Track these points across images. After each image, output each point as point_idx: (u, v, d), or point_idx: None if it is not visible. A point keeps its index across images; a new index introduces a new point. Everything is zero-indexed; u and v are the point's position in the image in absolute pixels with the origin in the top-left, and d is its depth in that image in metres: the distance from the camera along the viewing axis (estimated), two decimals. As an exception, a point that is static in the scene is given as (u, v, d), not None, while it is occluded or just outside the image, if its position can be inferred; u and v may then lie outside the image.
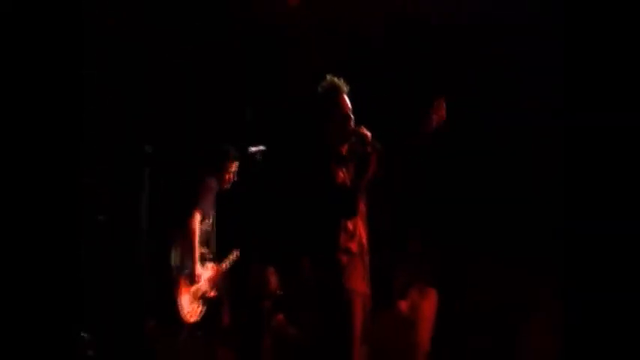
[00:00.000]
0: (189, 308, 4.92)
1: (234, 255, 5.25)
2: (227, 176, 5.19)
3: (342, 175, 3.55)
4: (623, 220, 3.15)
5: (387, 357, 5.22)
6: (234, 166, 5.21)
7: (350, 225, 3.52)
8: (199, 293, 4.99)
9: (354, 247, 3.51)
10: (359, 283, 3.49)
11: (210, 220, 5.17)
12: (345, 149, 3.66)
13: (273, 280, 5.85)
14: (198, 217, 5.01)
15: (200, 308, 5.00)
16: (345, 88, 3.67)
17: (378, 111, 5.70)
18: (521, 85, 5.68)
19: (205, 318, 5.10)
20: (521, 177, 5.84)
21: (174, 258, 4.96)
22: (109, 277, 5.16)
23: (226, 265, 5.21)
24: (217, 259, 5.20)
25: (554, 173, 3.77)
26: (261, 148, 4.88)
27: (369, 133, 3.56)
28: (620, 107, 3.19)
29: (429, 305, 5.49)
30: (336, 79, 3.68)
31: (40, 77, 2.93)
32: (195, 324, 5.00)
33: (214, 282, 5.10)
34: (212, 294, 5.08)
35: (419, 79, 6.01)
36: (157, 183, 4.83)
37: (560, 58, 3.44)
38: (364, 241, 3.60)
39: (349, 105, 3.65)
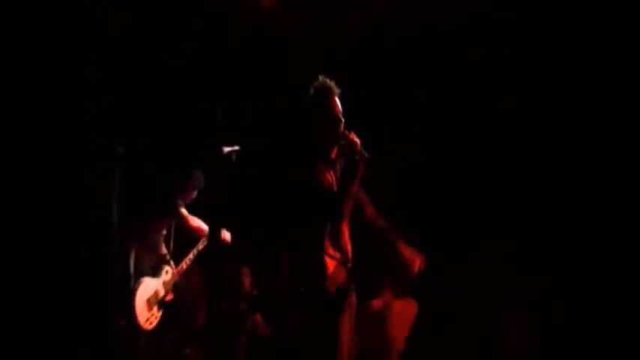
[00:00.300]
0: (147, 315, 4.83)
1: (191, 255, 5.17)
2: (187, 197, 5.22)
3: (329, 177, 3.53)
4: (623, 220, 3.15)
5: (362, 355, 5.22)
6: (194, 194, 5.22)
7: (335, 230, 3.50)
8: (157, 298, 4.93)
9: (338, 252, 3.49)
10: (342, 290, 3.46)
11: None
12: (334, 152, 3.64)
13: (248, 281, 5.83)
14: (184, 211, 5.06)
15: (158, 314, 4.91)
16: (336, 89, 3.64)
17: (377, 112, 5.72)
18: (521, 85, 5.68)
19: (177, 320, 5.05)
20: (521, 177, 5.85)
21: (131, 264, 4.87)
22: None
23: (185, 266, 5.15)
24: (175, 261, 5.13)
25: (554, 173, 3.77)
26: (236, 148, 4.87)
27: (358, 140, 3.53)
28: (620, 107, 3.19)
29: (403, 306, 5.48)
30: (327, 81, 3.66)
31: (40, 77, 2.93)
32: (157, 329, 4.91)
33: (171, 285, 5.03)
34: (169, 298, 5.01)
35: (418, 79, 6.02)
36: (127, 184, 4.75)
37: (560, 58, 3.44)
38: (348, 247, 3.57)
39: (340, 107, 3.63)
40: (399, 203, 6.08)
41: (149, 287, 4.89)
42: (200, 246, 5.20)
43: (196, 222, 5.22)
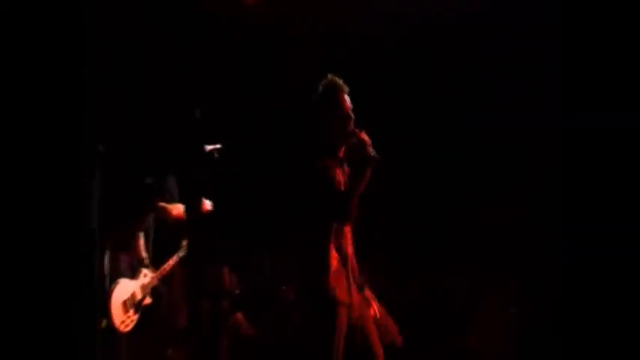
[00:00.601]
0: (123, 317, 4.73)
1: (172, 262, 5.06)
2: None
3: (339, 175, 3.51)
4: (623, 220, 3.15)
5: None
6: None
7: (338, 231, 3.49)
8: (134, 301, 4.83)
9: (339, 255, 3.48)
10: (343, 293, 3.44)
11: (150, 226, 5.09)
12: (342, 151, 3.61)
13: (230, 279, 5.79)
14: (163, 204, 5.03)
15: (134, 317, 4.80)
16: (346, 88, 3.62)
17: (377, 112, 5.72)
18: (521, 85, 5.68)
19: (156, 323, 4.97)
20: (521, 177, 5.85)
21: (107, 266, 4.77)
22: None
23: (165, 272, 5.03)
24: (154, 265, 5.04)
25: (554, 173, 3.77)
26: (218, 146, 4.83)
27: (368, 140, 3.51)
28: (620, 107, 3.19)
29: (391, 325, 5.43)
30: (337, 79, 3.63)
31: (40, 77, 2.93)
32: (135, 331, 4.77)
33: (150, 289, 4.92)
34: (147, 302, 4.90)
35: (418, 79, 6.02)
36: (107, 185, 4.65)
37: (560, 58, 3.44)
38: (349, 250, 3.54)
39: (349, 105, 3.61)
40: (398, 203, 6.11)
41: (126, 289, 4.80)
42: (181, 253, 5.12)
43: (178, 209, 5.17)
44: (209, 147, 4.85)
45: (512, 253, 5.78)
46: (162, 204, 5.12)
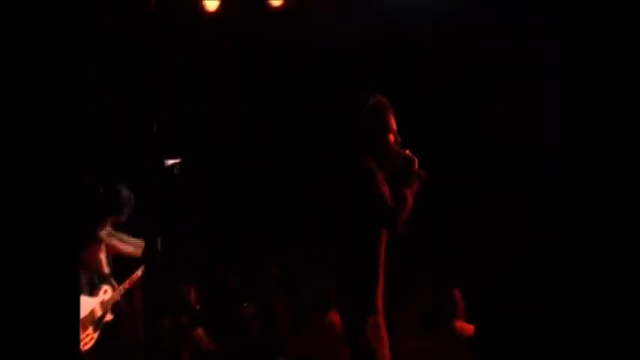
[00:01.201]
0: (81, 336, 4.60)
1: (135, 276, 4.98)
2: (111, 220, 5.05)
3: (385, 190, 3.51)
4: (624, 220, 3.15)
5: None
6: (122, 217, 5.07)
7: (382, 243, 3.52)
8: (93, 318, 4.73)
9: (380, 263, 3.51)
10: (380, 301, 3.47)
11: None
12: (387, 166, 3.60)
13: (192, 294, 5.75)
14: (110, 239, 4.95)
15: (94, 334, 4.70)
16: (392, 107, 3.62)
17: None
18: (521, 85, 5.68)
19: (118, 339, 4.88)
20: (521, 177, 5.85)
21: None
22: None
23: (127, 286, 4.95)
24: (116, 280, 4.97)
25: (555, 173, 3.77)
26: (178, 160, 4.81)
27: (416, 158, 3.54)
28: (620, 107, 3.18)
29: None
30: (384, 99, 3.62)
31: (40, 77, 2.93)
32: (95, 349, 4.68)
33: (111, 305, 4.84)
34: (108, 318, 4.81)
35: (418, 79, 6.03)
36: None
37: (560, 58, 3.44)
38: (383, 260, 3.57)
39: (395, 125, 3.61)
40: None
41: (84, 306, 4.66)
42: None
43: (125, 247, 5.02)
44: (169, 161, 4.82)
45: (512, 253, 5.77)
46: (110, 239, 4.94)
